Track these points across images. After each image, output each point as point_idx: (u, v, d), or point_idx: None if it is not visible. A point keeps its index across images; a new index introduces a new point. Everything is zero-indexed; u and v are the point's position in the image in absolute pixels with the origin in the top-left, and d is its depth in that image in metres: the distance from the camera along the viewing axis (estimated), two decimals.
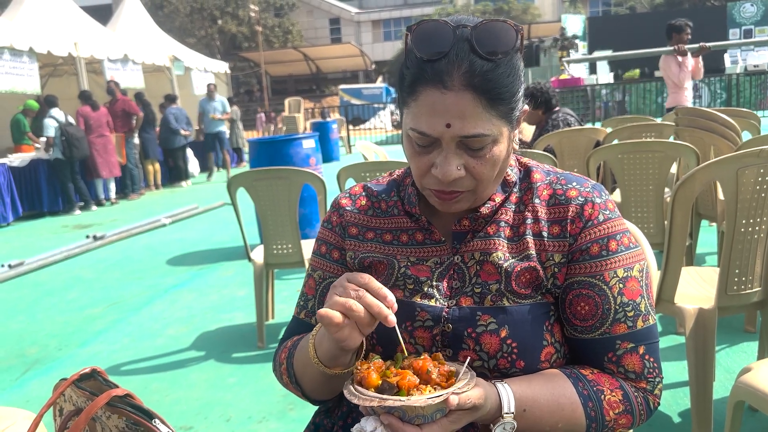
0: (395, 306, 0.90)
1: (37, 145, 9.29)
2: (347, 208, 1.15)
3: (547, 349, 0.99)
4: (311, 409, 1.19)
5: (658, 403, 1.03)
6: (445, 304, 1.02)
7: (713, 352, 2.09)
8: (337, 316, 0.88)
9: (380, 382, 0.87)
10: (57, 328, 4.08)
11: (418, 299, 1.02)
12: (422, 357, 0.91)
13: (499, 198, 1.05)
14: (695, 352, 2.06)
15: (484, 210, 1.04)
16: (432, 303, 1.02)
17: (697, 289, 2.32)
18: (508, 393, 0.91)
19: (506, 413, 0.90)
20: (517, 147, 1.04)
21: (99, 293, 4.83)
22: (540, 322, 1.00)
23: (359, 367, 0.90)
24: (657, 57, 7.36)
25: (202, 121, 12.62)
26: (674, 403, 2.46)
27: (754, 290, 2.09)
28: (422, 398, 0.82)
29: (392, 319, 0.89)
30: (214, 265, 5.42)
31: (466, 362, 0.92)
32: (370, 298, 0.89)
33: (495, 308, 0.99)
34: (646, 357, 1.00)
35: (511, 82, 0.94)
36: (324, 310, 0.89)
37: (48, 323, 4.19)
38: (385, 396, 0.84)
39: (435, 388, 0.85)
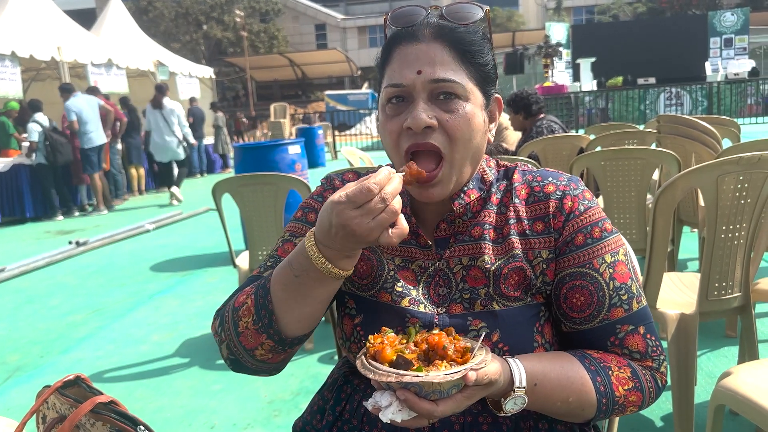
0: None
1: (24, 143, 9.14)
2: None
3: (537, 350, 1.00)
4: (296, 415, 1.19)
5: (666, 381, 1.04)
6: (435, 311, 1.02)
7: (695, 357, 2.12)
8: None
9: (395, 357, 0.85)
10: (39, 335, 4.04)
11: (406, 304, 1.02)
12: (437, 332, 0.90)
13: (474, 195, 1.05)
14: (677, 356, 2.09)
15: (458, 207, 1.04)
16: (422, 309, 1.02)
17: (679, 294, 2.34)
18: (519, 368, 0.91)
19: (518, 387, 0.90)
20: (492, 139, 1.08)
21: (82, 300, 4.78)
22: (530, 324, 1.00)
23: (372, 341, 0.89)
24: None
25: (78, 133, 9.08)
26: (656, 407, 2.49)
27: (734, 295, 2.12)
28: (440, 374, 0.82)
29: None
30: (198, 271, 5.39)
31: (482, 337, 0.91)
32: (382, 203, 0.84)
33: (486, 312, 0.99)
34: (648, 336, 1.01)
35: (480, 42, 1.02)
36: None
37: (30, 330, 4.14)
38: (402, 372, 0.83)
39: (451, 364, 0.85)
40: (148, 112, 9.83)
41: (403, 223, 0.87)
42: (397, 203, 0.85)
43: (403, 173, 0.93)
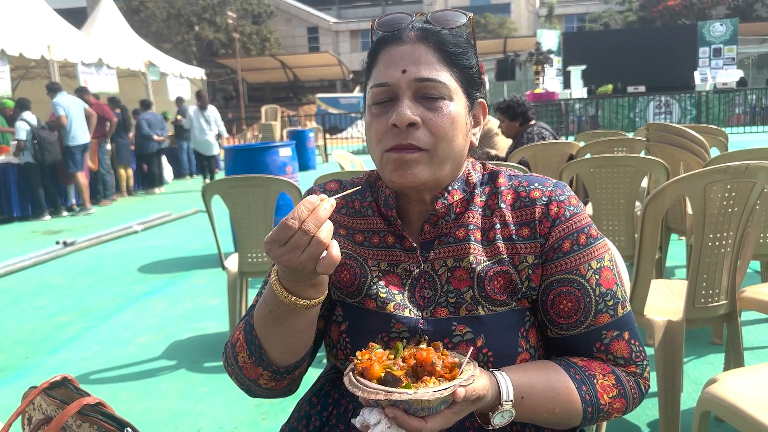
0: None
1: (13, 141, 9.05)
2: None
3: (522, 355, 1.00)
4: (283, 419, 1.19)
5: (649, 386, 1.05)
6: (420, 315, 1.02)
7: (681, 364, 2.13)
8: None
9: (383, 373, 0.85)
10: (25, 335, 4.00)
11: (391, 309, 1.02)
12: (425, 347, 0.90)
13: (457, 195, 1.05)
14: (664, 363, 2.10)
15: (441, 207, 1.04)
16: (407, 314, 1.02)
17: (666, 301, 2.36)
18: (506, 381, 0.92)
19: (505, 401, 0.91)
20: (476, 143, 1.09)
21: (69, 300, 4.74)
22: (515, 329, 1.00)
23: (360, 358, 0.89)
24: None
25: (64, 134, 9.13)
26: (643, 413, 2.50)
27: (720, 303, 2.14)
28: (429, 391, 0.82)
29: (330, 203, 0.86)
30: (186, 273, 5.36)
31: (469, 353, 0.92)
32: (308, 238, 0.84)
33: (470, 317, 0.99)
34: (632, 342, 1.03)
35: (464, 45, 1.04)
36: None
37: (15, 330, 4.11)
38: (390, 389, 0.83)
39: (439, 380, 0.85)
40: (194, 112, 10.85)
41: (333, 252, 0.85)
42: (324, 232, 0.84)
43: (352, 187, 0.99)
